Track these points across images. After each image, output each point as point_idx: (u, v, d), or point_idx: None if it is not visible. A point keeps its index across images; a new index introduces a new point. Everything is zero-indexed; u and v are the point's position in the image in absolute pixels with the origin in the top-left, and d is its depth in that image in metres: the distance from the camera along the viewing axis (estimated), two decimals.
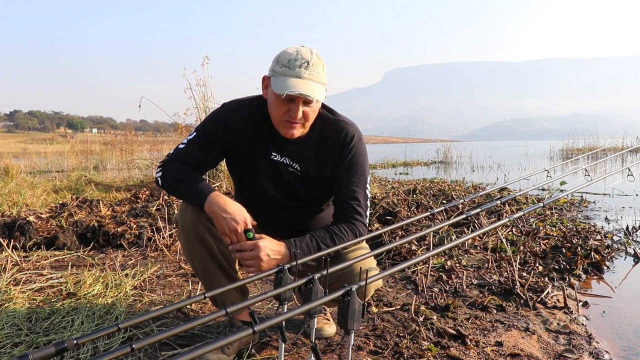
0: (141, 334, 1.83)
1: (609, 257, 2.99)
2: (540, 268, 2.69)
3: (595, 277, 2.69)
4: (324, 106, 1.63)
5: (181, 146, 1.59)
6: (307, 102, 1.47)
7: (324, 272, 1.19)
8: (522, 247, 3.05)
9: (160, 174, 1.56)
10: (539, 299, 2.21)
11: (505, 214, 4.16)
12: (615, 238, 3.53)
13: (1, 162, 8.85)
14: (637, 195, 5.98)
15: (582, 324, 1.99)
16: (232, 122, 1.59)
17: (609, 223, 4.20)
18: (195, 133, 1.60)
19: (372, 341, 1.78)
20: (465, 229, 3.61)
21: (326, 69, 1.50)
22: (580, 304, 2.23)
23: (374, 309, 2.11)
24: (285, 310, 1.11)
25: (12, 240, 3.16)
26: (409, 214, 3.92)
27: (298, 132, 1.52)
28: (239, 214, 1.42)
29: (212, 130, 1.59)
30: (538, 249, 3.05)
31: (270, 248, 1.43)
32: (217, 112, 1.63)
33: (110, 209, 4.26)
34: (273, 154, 1.61)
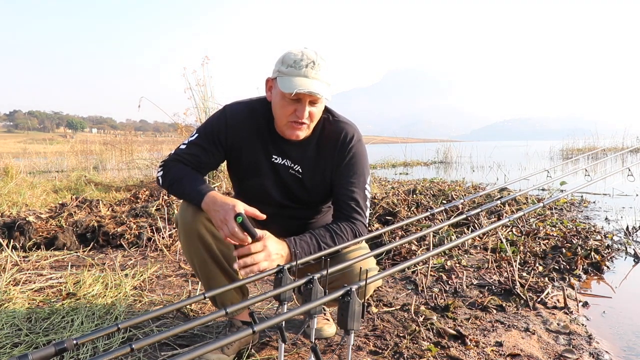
0: (141, 334, 1.83)
1: (609, 257, 2.99)
2: (540, 268, 2.69)
3: (595, 277, 2.69)
4: (325, 108, 1.63)
5: (182, 146, 1.60)
6: (313, 102, 1.48)
7: (324, 272, 1.19)
8: (522, 247, 3.05)
9: (161, 173, 1.57)
10: (539, 299, 2.21)
11: (505, 214, 4.16)
12: (615, 238, 3.53)
13: (1, 162, 8.85)
14: (637, 195, 5.98)
15: (582, 324, 1.99)
16: (234, 124, 1.59)
17: (609, 223, 4.20)
18: (196, 134, 1.60)
19: (372, 341, 1.78)
20: (465, 229, 3.61)
21: (330, 69, 1.51)
22: (581, 304, 2.23)
23: (374, 309, 2.11)
24: (285, 311, 1.11)
25: (12, 241, 3.16)
26: (409, 214, 3.92)
27: (303, 133, 1.53)
28: (229, 203, 1.39)
29: (214, 132, 1.59)
30: (538, 249, 3.05)
31: (275, 252, 1.41)
32: (218, 114, 1.63)
33: (110, 209, 4.26)
34: (274, 156, 1.61)
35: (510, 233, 3.47)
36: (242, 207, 1.39)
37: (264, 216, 1.42)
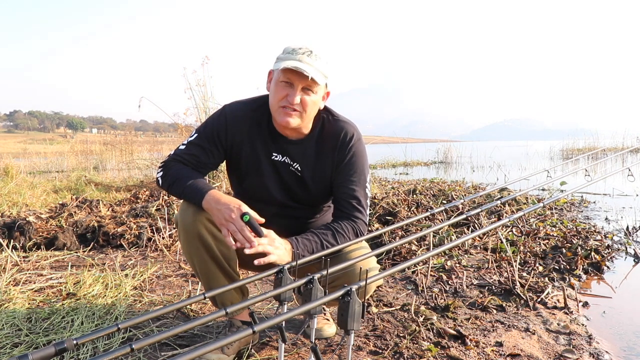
0: (141, 334, 1.83)
1: (609, 257, 2.99)
2: (540, 268, 2.69)
3: (596, 277, 2.69)
4: (324, 108, 1.64)
5: (182, 147, 1.60)
6: (306, 89, 1.49)
7: (324, 272, 1.19)
8: (522, 247, 3.05)
9: (160, 174, 1.57)
10: (539, 299, 2.21)
11: (505, 214, 4.16)
12: (616, 238, 3.53)
13: (1, 162, 8.85)
14: (637, 195, 5.98)
15: (582, 324, 1.99)
16: (233, 123, 1.59)
17: (609, 223, 4.20)
18: (196, 134, 1.61)
19: (372, 341, 1.78)
20: (465, 229, 3.61)
21: (329, 65, 1.52)
22: (581, 304, 2.23)
23: (374, 309, 2.11)
24: (285, 311, 1.11)
25: (12, 241, 3.16)
26: (409, 214, 3.92)
27: (295, 121, 1.52)
28: (233, 202, 1.41)
29: (213, 131, 1.59)
30: (538, 249, 3.05)
31: (280, 243, 1.43)
32: (218, 113, 1.63)
33: (110, 209, 4.26)
34: (274, 154, 1.62)
35: (510, 233, 3.47)
36: (246, 207, 1.40)
37: (263, 220, 1.43)
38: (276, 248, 1.40)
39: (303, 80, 1.46)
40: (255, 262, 1.36)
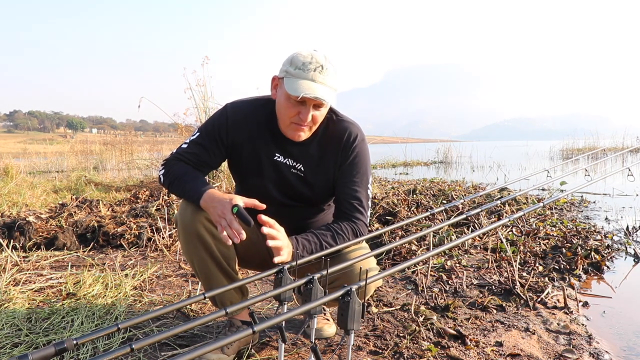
0: (141, 334, 1.83)
1: (609, 257, 2.99)
2: (540, 268, 2.69)
3: (596, 277, 2.69)
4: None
5: (184, 145, 1.60)
6: (317, 106, 1.48)
7: (324, 272, 1.19)
8: (522, 247, 3.05)
9: (162, 172, 1.58)
10: (539, 299, 2.21)
11: (505, 214, 4.16)
12: (616, 238, 3.53)
13: (1, 162, 8.85)
14: (637, 195, 5.98)
15: (582, 324, 1.99)
16: (235, 122, 1.59)
17: (609, 223, 4.20)
18: (198, 133, 1.61)
19: (372, 341, 1.78)
20: (465, 229, 3.61)
21: (337, 74, 1.51)
22: (581, 304, 2.23)
23: (374, 309, 2.11)
24: (285, 310, 1.11)
25: (12, 241, 3.16)
26: (409, 214, 3.92)
27: (305, 135, 1.54)
28: (226, 197, 1.40)
29: (215, 130, 1.59)
30: (538, 249, 3.05)
31: (285, 235, 1.45)
32: (219, 112, 1.63)
33: (110, 209, 4.26)
34: (276, 154, 1.61)
35: (510, 233, 3.47)
36: (240, 200, 1.39)
37: (263, 206, 1.42)
38: (284, 237, 1.43)
39: (316, 100, 1.45)
40: (268, 241, 1.38)
